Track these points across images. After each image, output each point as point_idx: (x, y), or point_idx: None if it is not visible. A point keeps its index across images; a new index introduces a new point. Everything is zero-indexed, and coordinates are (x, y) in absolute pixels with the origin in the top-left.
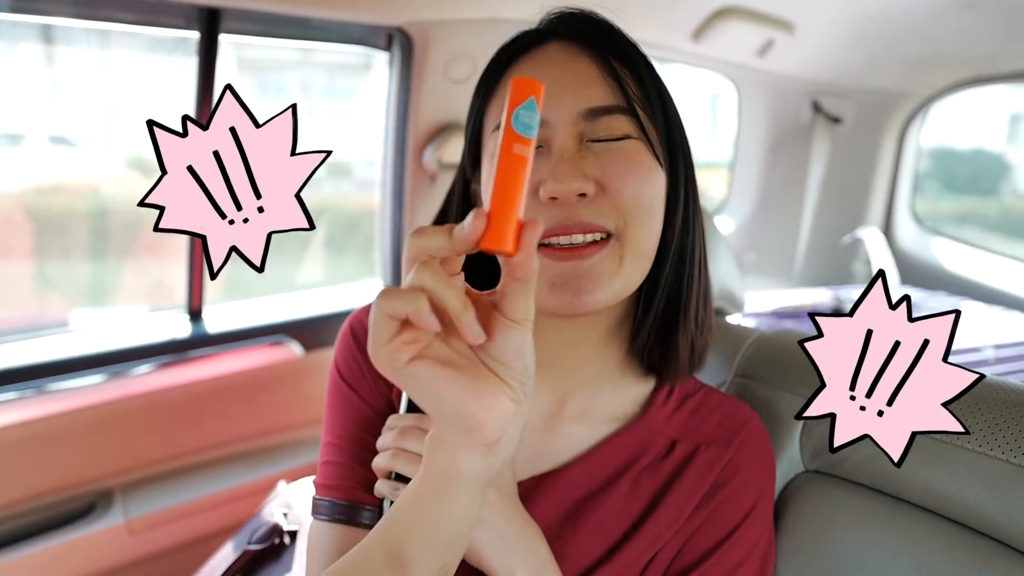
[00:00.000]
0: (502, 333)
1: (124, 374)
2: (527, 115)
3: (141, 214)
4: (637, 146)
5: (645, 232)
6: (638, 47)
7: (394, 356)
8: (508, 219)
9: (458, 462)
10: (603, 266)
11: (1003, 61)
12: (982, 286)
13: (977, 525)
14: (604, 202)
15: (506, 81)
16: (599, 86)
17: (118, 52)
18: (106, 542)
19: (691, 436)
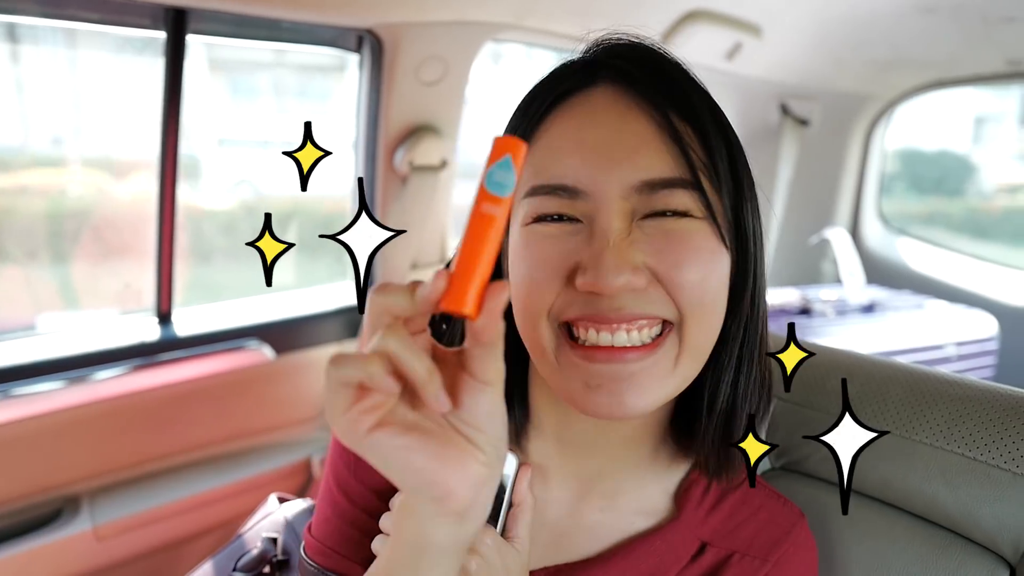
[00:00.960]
0: (471, 394)
1: (91, 378)
2: (501, 174)
3: (109, 215)
4: (700, 226)
5: (706, 327)
6: (705, 92)
7: (354, 426)
8: (470, 281)
9: (428, 532)
10: (655, 369)
11: (962, 65)
12: (946, 285)
13: (934, 517)
14: (658, 293)
15: (549, 126)
16: (658, 153)
17: (85, 52)
18: (73, 548)
19: (725, 540)
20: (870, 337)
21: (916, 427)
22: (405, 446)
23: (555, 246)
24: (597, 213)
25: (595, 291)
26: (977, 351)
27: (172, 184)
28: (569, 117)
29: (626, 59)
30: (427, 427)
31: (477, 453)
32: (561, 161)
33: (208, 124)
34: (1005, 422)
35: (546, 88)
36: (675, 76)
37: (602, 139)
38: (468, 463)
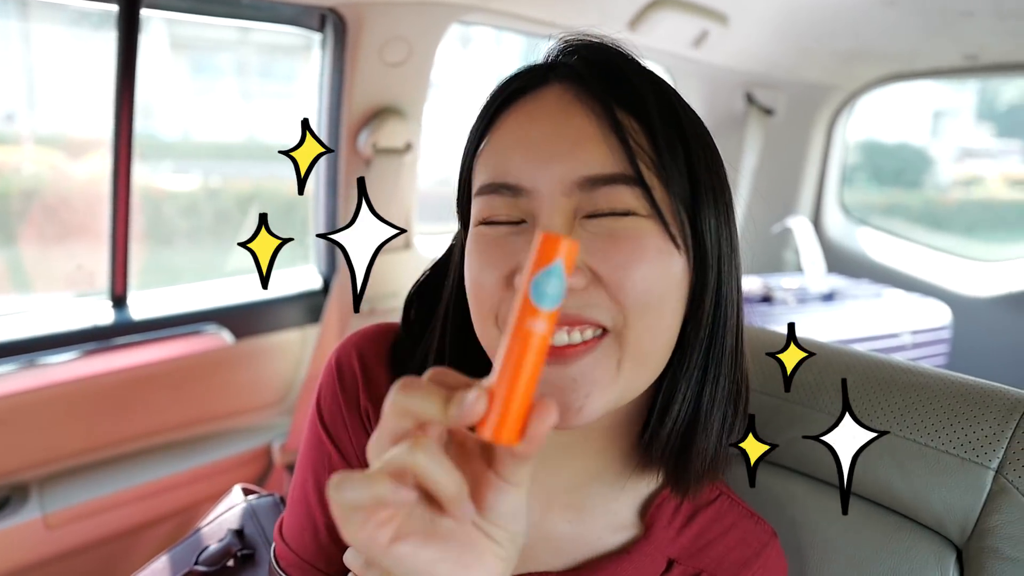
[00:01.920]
0: (495, 494)
1: (41, 362)
2: (551, 283)
3: (63, 195)
4: (646, 225)
5: (652, 331)
6: (662, 87)
7: (372, 543)
8: (514, 409)
9: None
10: (595, 373)
11: (922, 58)
12: (903, 275)
13: (887, 502)
14: (599, 295)
15: (499, 125)
16: (599, 148)
17: (39, 25)
18: (22, 537)
19: (694, 559)
20: (830, 325)
21: (871, 414)
22: (428, 557)
23: (499, 248)
24: (539, 211)
25: None
26: (931, 339)
27: (127, 164)
28: (517, 116)
29: (578, 57)
30: (448, 530)
31: (498, 550)
32: (506, 159)
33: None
34: (955, 409)
35: (500, 88)
36: (624, 70)
37: (544, 135)
38: (489, 562)
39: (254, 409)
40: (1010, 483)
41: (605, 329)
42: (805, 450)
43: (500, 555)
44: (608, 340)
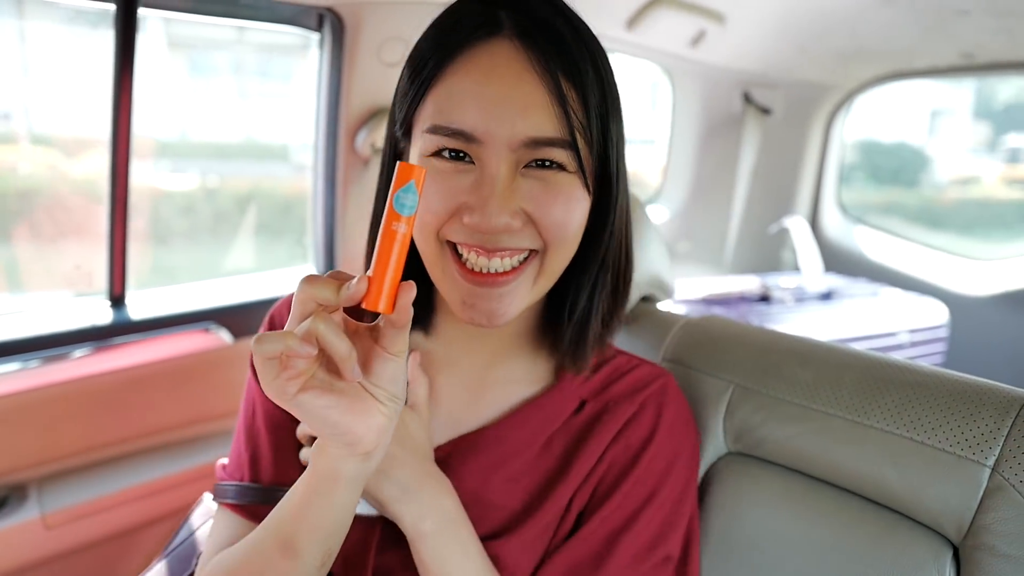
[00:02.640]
0: (380, 363)
1: (40, 362)
2: (407, 197)
3: (60, 194)
4: (570, 178)
5: (564, 255)
6: (594, 55)
7: (283, 390)
8: (386, 285)
9: (339, 467)
10: (518, 289)
11: (919, 57)
12: (900, 274)
13: (883, 500)
14: (529, 231)
15: (453, 70)
16: (544, 114)
17: (34, 23)
18: (20, 537)
19: (601, 396)
20: (827, 324)
21: (868, 412)
22: (325, 404)
23: (447, 182)
24: (488, 159)
25: (479, 230)
26: (928, 338)
27: (125, 163)
28: (471, 67)
29: (527, 15)
30: (341, 388)
31: (381, 407)
32: (463, 109)
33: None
34: (952, 407)
35: (450, 32)
36: (568, 39)
37: (499, 95)
38: (374, 415)
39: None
40: (1006, 480)
41: (531, 251)
42: (802, 448)
43: (382, 410)
44: (532, 262)
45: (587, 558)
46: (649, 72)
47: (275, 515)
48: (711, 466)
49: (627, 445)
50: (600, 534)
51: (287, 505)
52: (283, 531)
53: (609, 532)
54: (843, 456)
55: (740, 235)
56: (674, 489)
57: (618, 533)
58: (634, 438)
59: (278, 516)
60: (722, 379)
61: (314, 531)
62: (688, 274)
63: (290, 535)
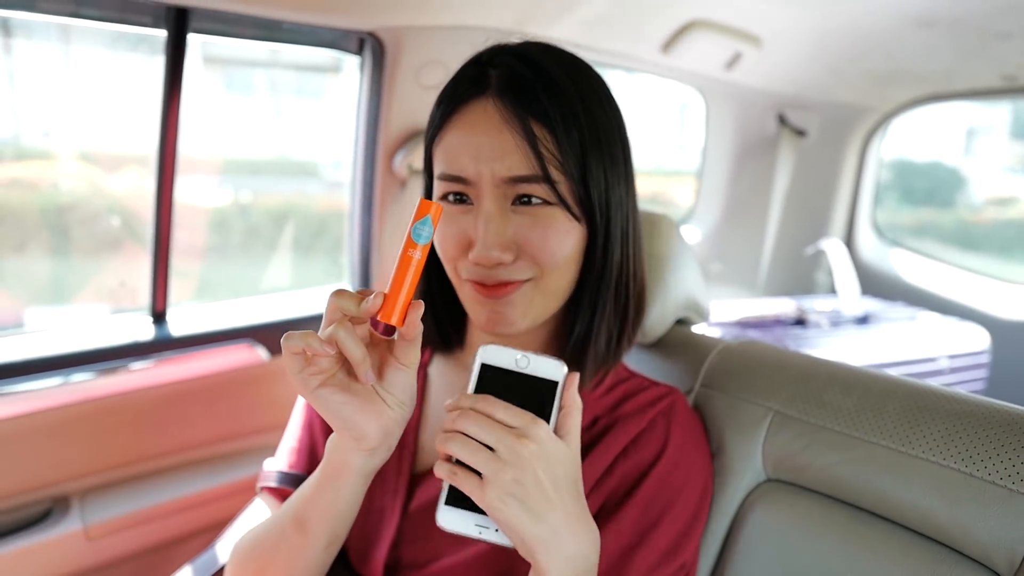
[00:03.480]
0: (392, 371)
1: (83, 376)
2: (422, 228)
3: (103, 211)
4: (552, 210)
5: (558, 278)
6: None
7: (306, 383)
8: (398, 302)
9: (347, 460)
10: (520, 302)
11: (958, 79)
12: (939, 297)
13: (929, 532)
14: (522, 261)
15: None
16: (519, 156)
17: (79, 46)
18: (63, 548)
19: (612, 413)
20: (864, 348)
21: (913, 441)
22: (340, 400)
23: (454, 224)
24: (481, 198)
25: (479, 263)
26: (969, 364)
27: (170, 182)
28: (463, 123)
29: (508, 71)
30: (357, 389)
31: (389, 411)
32: (458, 158)
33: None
34: (1002, 438)
35: (451, 95)
36: (537, 88)
37: (482, 143)
38: (381, 416)
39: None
40: None
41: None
42: (844, 476)
43: (389, 414)
44: (528, 284)
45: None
46: (679, 93)
47: (295, 497)
48: (749, 493)
49: (637, 461)
50: (612, 549)
51: (304, 489)
52: (299, 511)
53: (622, 548)
54: (887, 486)
55: (774, 257)
56: (687, 505)
57: (632, 549)
58: (644, 453)
59: (296, 498)
60: (761, 405)
61: (324, 514)
62: (721, 296)
63: (303, 515)
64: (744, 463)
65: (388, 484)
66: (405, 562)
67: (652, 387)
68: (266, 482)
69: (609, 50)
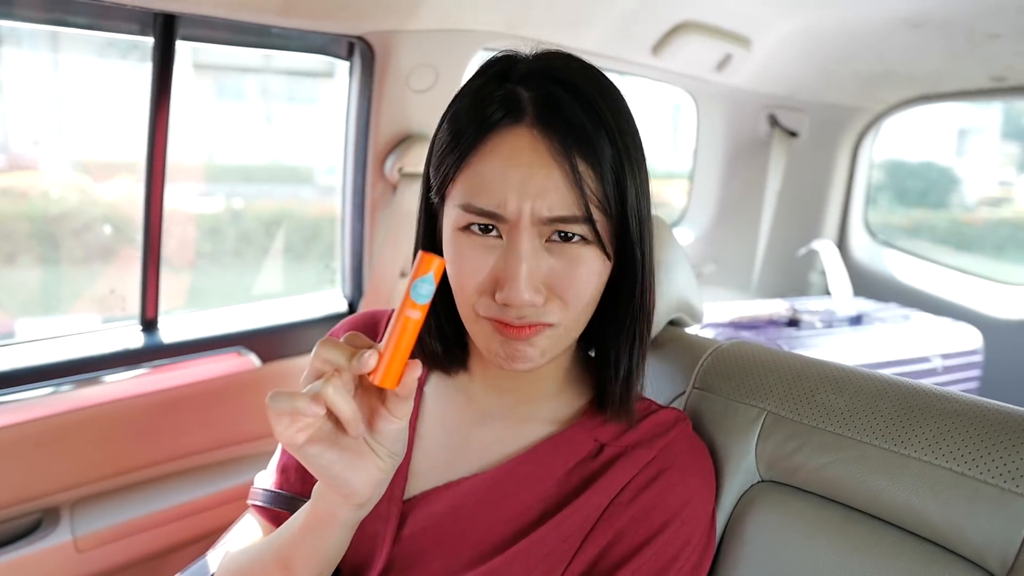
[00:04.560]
0: (384, 423)
1: (72, 386)
2: (423, 286)
3: (92, 220)
4: (589, 249)
5: (582, 320)
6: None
7: (292, 440)
8: (397, 365)
9: (334, 512)
10: (541, 343)
11: (947, 80)
12: (932, 297)
13: (922, 532)
14: (551, 303)
15: (482, 151)
16: (562, 194)
17: (68, 54)
18: (53, 560)
19: (620, 441)
20: (857, 349)
21: (906, 441)
22: (327, 456)
23: (479, 258)
24: (514, 236)
25: (509, 303)
26: (963, 363)
27: (160, 190)
28: (497, 152)
29: (545, 95)
30: (345, 443)
31: (379, 463)
32: (491, 191)
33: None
34: (994, 437)
35: (479, 116)
36: (583, 121)
37: (522, 178)
38: (371, 470)
39: None
40: None
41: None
42: (838, 477)
43: (380, 465)
44: (553, 328)
45: None
46: (672, 95)
47: (277, 536)
48: (743, 494)
49: (653, 505)
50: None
51: (287, 532)
52: (282, 553)
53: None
54: (880, 486)
55: (766, 258)
56: (702, 538)
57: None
58: (657, 489)
59: (279, 538)
60: (754, 406)
61: (308, 558)
62: (714, 297)
63: (288, 558)
64: (738, 464)
65: (380, 510)
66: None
67: (659, 411)
68: (255, 500)
69: (599, 52)
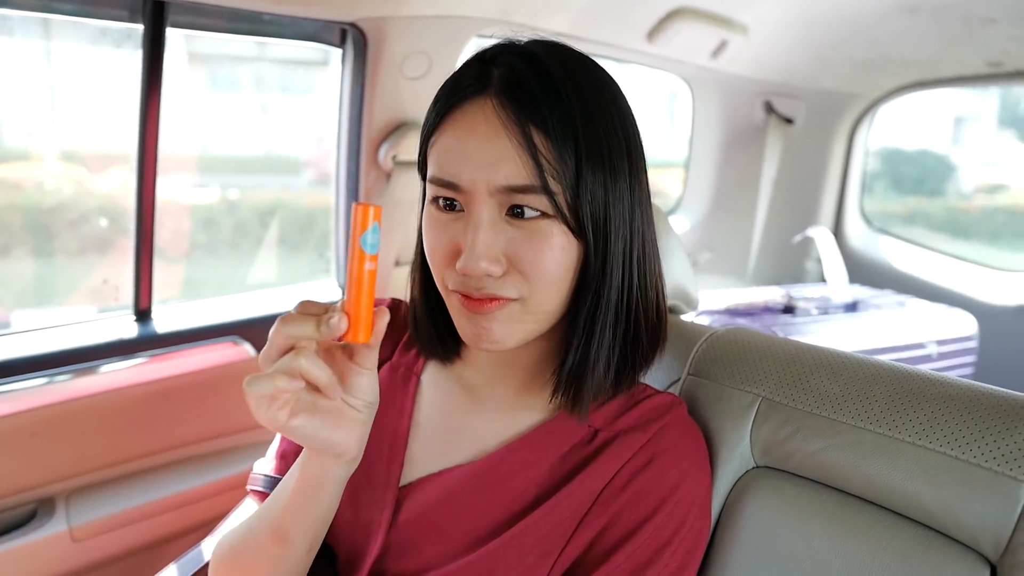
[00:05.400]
0: (355, 376)
1: (67, 376)
2: (373, 237)
3: (87, 211)
4: (550, 225)
5: (547, 297)
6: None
7: (275, 418)
8: (363, 318)
9: (326, 472)
10: (505, 319)
11: (943, 66)
12: (927, 284)
13: (916, 516)
14: (511, 277)
15: (446, 126)
16: (515, 164)
17: (60, 43)
18: (49, 550)
19: (613, 426)
20: (853, 335)
21: (900, 426)
22: (313, 425)
23: (444, 231)
24: (472, 206)
25: (465, 272)
26: (958, 349)
27: (152, 179)
28: (459, 124)
29: (510, 71)
30: (325, 406)
31: (359, 416)
32: (451, 163)
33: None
34: (987, 421)
35: (449, 91)
36: (538, 93)
37: (477, 148)
38: (355, 426)
39: None
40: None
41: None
42: (832, 462)
43: (360, 418)
44: (515, 305)
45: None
46: (668, 83)
47: (268, 508)
48: (738, 480)
49: (647, 488)
50: (626, 569)
51: (278, 501)
52: (276, 523)
53: (634, 568)
54: (874, 470)
55: (762, 246)
56: (696, 521)
57: (644, 567)
58: (651, 472)
59: (270, 510)
60: (748, 392)
61: (303, 523)
62: (710, 285)
63: (281, 526)
64: (733, 450)
65: (376, 497)
66: (392, 574)
67: (655, 396)
68: (254, 486)
69: (595, 39)
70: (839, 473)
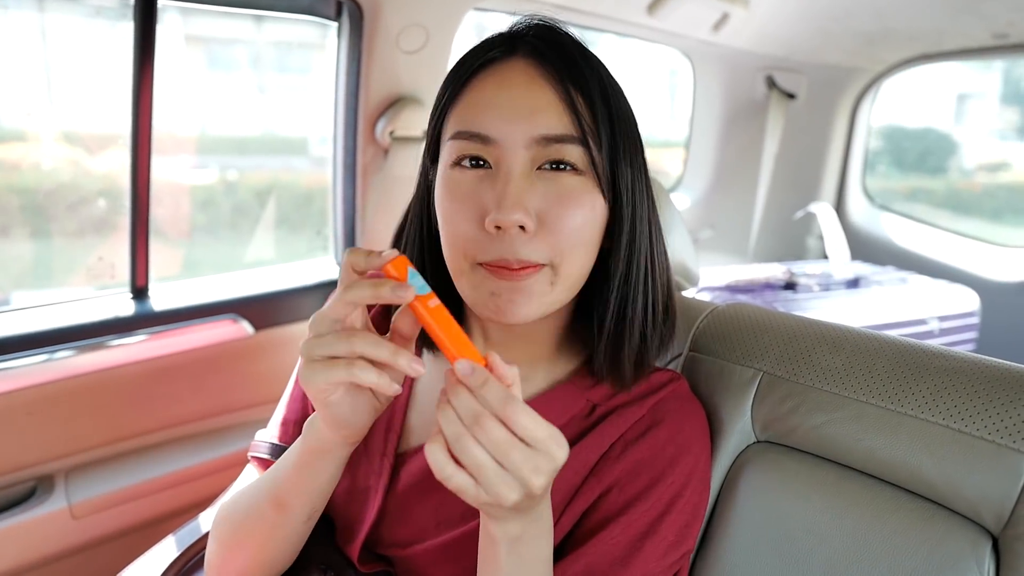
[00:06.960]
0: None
1: (65, 353)
2: (414, 281)
3: (83, 190)
4: (582, 181)
5: (577, 262)
6: (600, 71)
7: (324, 395)
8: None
9: (329, 448)
10: (533, 288)
11: (948, 38)
12: (929, 260)
13: (919, 489)
14: (542, 238)
15: (474, 85)
16: (554, 114)
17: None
18: (48, 527)
19: (611, 400)
20: (855, 311)
21: (902, 399)
22: (344, 404)
23: (470, 190)
24: (503, 157)
25: (498, 226)
26: (959, 325)
27: (147, 156)
28: (490, 80)
29: (540, 38)
30: (360, 393)
31: (379, 405)
32: (480, 114)
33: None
34: (990, 393)
35: (475, 54)
36: (574, 55)
37: (514, 99)
38: (372, 412)
39: (274, 399)
40: None
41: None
42: (834, 436)
43: (378, 408)
44: (545, 271)
45: (611, 560)
46: (668, 59)
47: (269, 477)
48: (739, 455)
49: (643, 450)
50: (623, 539)
51: (280, 470)
52: (276, 491)
53: (632, 537)
54: (877, 444)
55: (764, 222)
56: (692, 496)
57: (642, 538)
58: (648, 443)
59: (271, 478)
60: (750, 367)
61: (303, 493)
62: (711, 263)
63: (282, 494)
64: (734, 425)
65: (374, 464)
66: (387, 541)
67: (654, 372)
68: (257, 452)
69: (594, 12)
70: (840, 447)
